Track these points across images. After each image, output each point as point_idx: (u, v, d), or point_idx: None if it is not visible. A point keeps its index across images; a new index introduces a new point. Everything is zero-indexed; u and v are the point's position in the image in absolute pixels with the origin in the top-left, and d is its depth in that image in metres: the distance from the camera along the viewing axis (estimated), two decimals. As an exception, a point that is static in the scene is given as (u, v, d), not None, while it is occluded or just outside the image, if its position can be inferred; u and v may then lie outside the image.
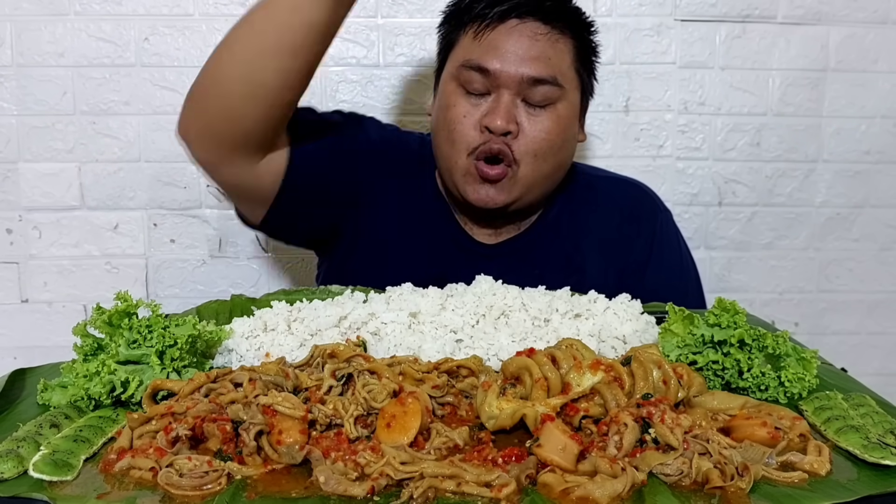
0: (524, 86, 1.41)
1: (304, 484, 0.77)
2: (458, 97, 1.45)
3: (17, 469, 0.79)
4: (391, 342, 1.09)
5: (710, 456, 0.79)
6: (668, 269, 1.63)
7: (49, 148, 2.03)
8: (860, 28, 2.09)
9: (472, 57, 1.43)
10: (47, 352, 1.95)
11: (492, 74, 1.41)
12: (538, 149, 1.43)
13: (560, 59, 1.45)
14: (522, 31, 1.42)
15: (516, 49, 1.41)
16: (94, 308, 1.02)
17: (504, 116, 1.40)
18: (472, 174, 1.44)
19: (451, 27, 1.52)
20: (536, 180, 1.47)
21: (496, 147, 1.41)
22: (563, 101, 1.45)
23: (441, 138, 1.49)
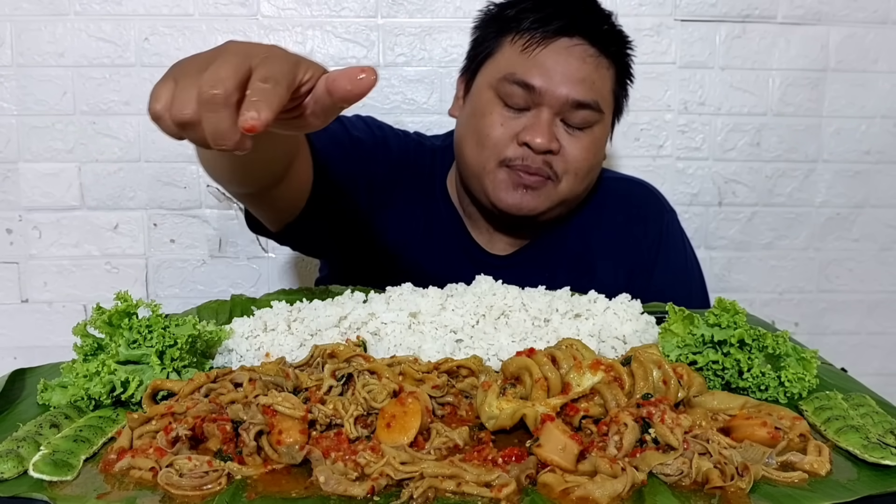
0: (566, 107, 1.40)
1: (304, 484, 0.77)
2: (495, 106, 1.43)
3: (17, 469, 0.79)
4: (391, 342, 1.09)
5: (710, 456, 0.79)
6: (675, 269, 1.63)
7: (49, 148, 2.03)
8: (860, 28, 2.09)
9: (517, 71, 1.40)
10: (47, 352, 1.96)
11: (536, 91, 1.39)
12: (579, 168, 1.43)
13: (603, 84, 1.44)
14: (572, 52, 1.40)
15: (564, 70, 1.39)
16: (94, 308, 1.02)
17: (546, 134, 1.38)
18: (506, 181, 1.42)
19: (491, 32, 1.48)
20: (572, 196, 1.48)
21: (534, 166, 1.40)
22: (599, 124, 1.45)
23: (470, 143, 1.46)
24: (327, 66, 0.77)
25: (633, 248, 1.60)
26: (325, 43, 2.05)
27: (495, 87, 1.42)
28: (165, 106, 0.80)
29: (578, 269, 1.54)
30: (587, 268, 1.55)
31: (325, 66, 0.86)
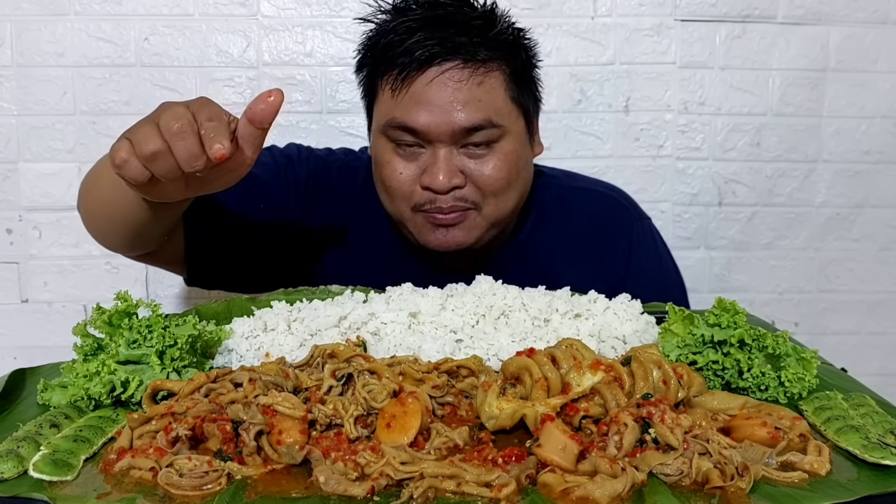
0: (459, 135, 1.31)
1: (304, 484, 0.77)
2: (391, 154, 1.36)
3: (17, 469, 0.79)
4: (391, 342, 1.09)
5: (710, 456, 0.79)
6: (648, 280, 1.57)
7: (49, 148, 2.03)
8: (860, 28, 2.09)
9: (395, 115, 1.32)
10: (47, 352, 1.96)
11: (421, 132, 1.31)
12: (497, 189, 1.35)
13: (492, 98, 1.32)
14: (443, 81, 1.29)
15: (441, 100, 1.29)
16: (94, 308, 1.02)
17: (445, 173, 1.30)
18: (425, 224, 1.37)
19: (368, 74, 1.41)
20: (502, 216, 1.41)
21: (447, 206, 1.33)
22: (505, 138, 1.35)
23: (381, 193, 1.42)
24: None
25: (600, 263, 1.55)
26: (325, 43, 2.05)
27: (385, 133, 1.36)
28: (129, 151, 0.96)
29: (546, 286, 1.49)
30: (553, 284, 1.48)
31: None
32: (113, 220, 1.24)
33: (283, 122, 2.06)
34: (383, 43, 1.33)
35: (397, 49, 1.31)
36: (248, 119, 0.96)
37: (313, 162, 1.53)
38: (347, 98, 2.06)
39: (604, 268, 1.55)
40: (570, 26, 2.06)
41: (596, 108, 2.10)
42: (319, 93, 2.05)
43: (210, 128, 0.93)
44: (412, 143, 1.34)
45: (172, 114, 0.95)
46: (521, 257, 1.53)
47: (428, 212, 1.35)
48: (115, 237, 1.29)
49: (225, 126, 0.94)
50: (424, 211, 1.36)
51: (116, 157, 0.97)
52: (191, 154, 0.93)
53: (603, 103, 2.10)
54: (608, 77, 2.08)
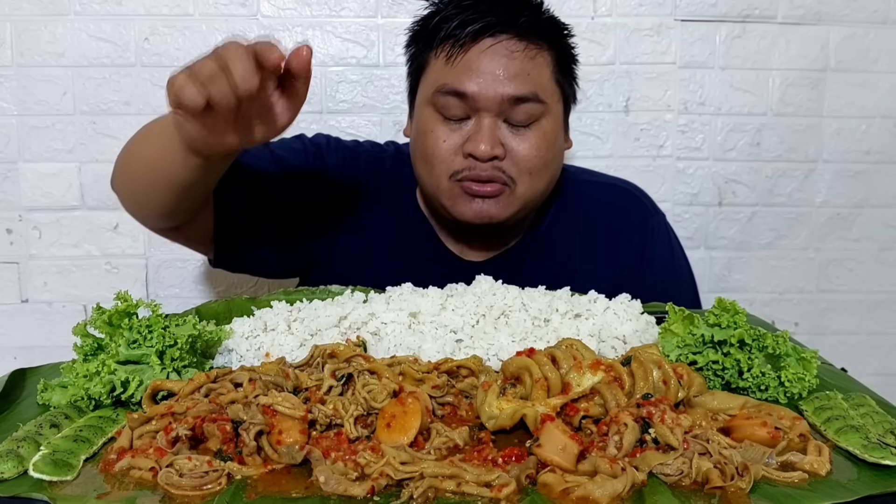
0: (505, 106, 1.36)
1: (304, 484, 0.77)
2: (435, 123, 1.40)
3: (17, 469, 0.79)
4: (391, 342, 1.09)
5: (710, 456, 0.79)
6: (661, 275, 1.60)
7: (49, 148, 2.03)
8: (860, 28, 2.09)
9: (447, 81, 1.37)
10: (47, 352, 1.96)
11: (470, 98, 1.35)
12: (532, 167, 1.39)
13: (540, 74, 1.39)
14: (497, 51, 1.36)
15: (493, 69, 1.35)
16: (94, 308, 1.02)
17: (488, 141, 1.35)
18: (461, 194, 1.40)
19: (419, 48, 1.46)
20: (534, 197, 1.44)
21: (484, 174, 1.37)
22: (546, 117, 1.40)
23: (419, 163, 1.45)
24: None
25: (616, 258, 1.58)
26: (325, 43, 2.05)
27: (432, 102, 1.40)
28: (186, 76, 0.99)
29: (560, 279, 1.48)
30: (569, 278, 1.49)
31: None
32: (155, 184, 1.24)
33: (283, 122, 2.05)
34: (440, 17, 1.40)
35: (454, 21, 1.38)
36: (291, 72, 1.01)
37: (342, 152, 1.57)
38: (347, 98, 2.06)
39: (619, 261, 1.58)
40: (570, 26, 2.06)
41: (596, 108, 2.10)
42: (319, 93, 2.05)
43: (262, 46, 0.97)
44: (459, 116, 1.38)
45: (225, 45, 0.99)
46: (539, 250, 1.56)
47: (465, 180, 1.39)
48: (155, 204, 1.29)
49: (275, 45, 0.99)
50: (461, 180, 1.39)
51: (175, 83, 1.00)
52: (246, 71, 0.96)
53: (603, 103, 2.10)
54: (608, 77, 2.08)
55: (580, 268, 1.54)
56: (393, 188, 1.57)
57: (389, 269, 1.46)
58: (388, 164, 1.59)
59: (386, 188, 1.57)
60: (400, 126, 2.04)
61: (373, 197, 1.55)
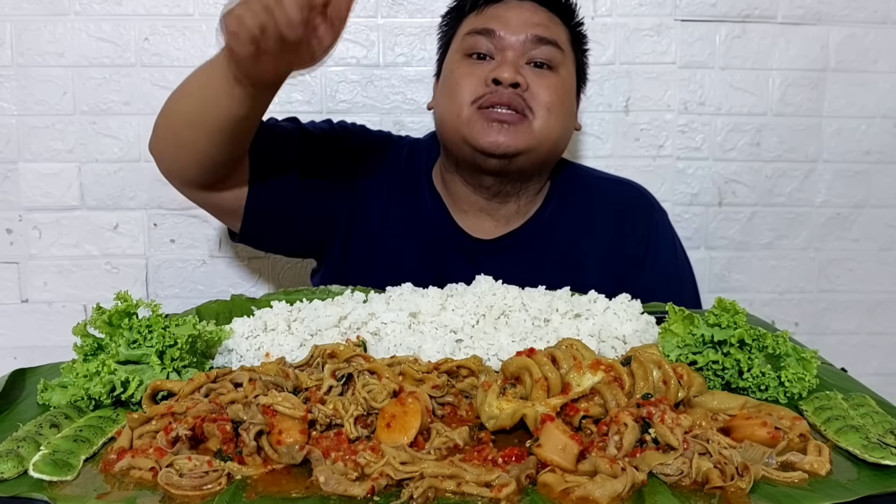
0: (528, 46, 1.45)
1: (304, 484, 0.77)
2: (461, 62, 1.49)
3: (17, 469, 0.79)
4: (391, 342, 1.09)
5: (710, 456, 0.79)
6: (664, 269, 1.63)
7: (49, 148, 2.03)
8: (860, 28, 2.09)
9: (476, 25, 1.48)
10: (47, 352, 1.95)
11: (496, 36, 1.45)
12: (550, 103, 1.45)
13: (559, 31, 1.51)
14: (523, 6, 1.49)
15: (518, 16, 1.47)
16: (94, 308, 1.02)
17: (512, 68, 1.43)
18: (479, 120, 1.44)
19: (449, 23, 1.58)
20: (548, 136, 1.48)
21: (506, 97, 1.43)
22: (564, 68, 1.49)
23: (443, 102, 1.51)
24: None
25: (621, 248, 1.61)
26: (325, 43, 2.05)
27: (460, 49, 1.50)
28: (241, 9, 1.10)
29: (565, 267, 1.54)
30: (574, 266, 1.55)
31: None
32: (203, 122, 1.30)
33: (283, 122, 2.05)
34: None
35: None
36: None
37: (363, 135, 1.65)
38: (347, 98, 2.06)
39: (625, 247, 1.61)
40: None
41: (596, 108, 2.09)
42: (319, 93, 2.05)
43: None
44: (484, 53, 1.47)
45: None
46: (547, 233, 1.59)
47: (485, 106, 1.43)
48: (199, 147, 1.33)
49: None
50: (482, 107, 1.43)
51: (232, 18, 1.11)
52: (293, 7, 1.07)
53: (603, 103, 2.09)
54: (608, 77, 2.08)
55: (587, 251, 1.58)
56: (411, 172, 1.63)
57: (403, 247, 1.55)
58: (405, 150, 1.66)
59: (403, 171, 1.63)
60: (400, 126, 2.04)
61: (391, 181, 1.61)
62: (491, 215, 1.57)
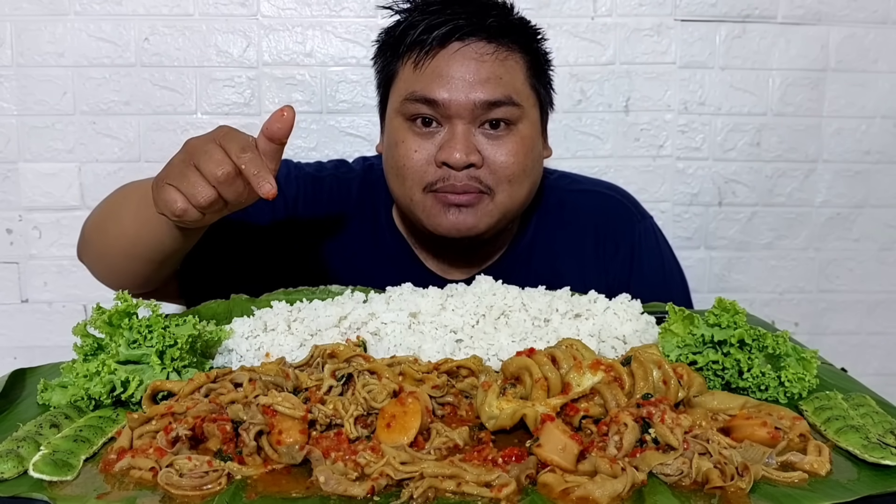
0: (478, 112, 1.30)
1: (304, 484, 0.77)
2: (405, 133, 1.34)
3: (17, 469, 0.79)
4: (391, 342, 1.09)
5: (710, 456, 0.79)
6: (651, 279, 1.57)
7: (49, 148, 2.03)
8: (860, 28, 2.09)
9: (416, 89, 1.32)
10: (47, 352, 1.96)
11: (440, 105, 1.30)
12: (511, 175, 1.33)
13: (513, 78, 1.33)
14: (466, 54, 1.30)
15: (463, 74, 1.29)
16: (94, 308, 1.02)
17: (463, 148, 1.29)
18: (435, 205, 1.34)
19: (387, 59, 1.40)
20: (514, 206, 1.39)
21: (460, 184, 1.31)
22: (523, 121, 1.35)
23: (391, 178, 1.40)
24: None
25: (604, 268, 1.54)
26: (325, 43, 2.05)
27: (401, 112, 1.35)
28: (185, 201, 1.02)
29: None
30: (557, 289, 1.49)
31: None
32: (134, 255, 1.26)
33: (283, 122, 2.05)
34: (403, 26, 1.35)
35: (420, 27, 1.32)
36: (266, 137, 1.03)
37: (302, 180, 1.53)
38: (347, 98, 2.06)
39: (607, 271, 1.55)
40: (570, 26, 2.06)
41: (596, 108, 2.10)
42: (319, 93, 2.05)
43: (249, 164, 1.00)
44: (429, 121, 1.33)
45: (211, 160, 1.01)
46: (524, 264, 1.51)
47: (440, 191, 1.33)
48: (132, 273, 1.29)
49: (259, 158, 1.02)
50: (436, 191, 1.33)
51: (176, 209, 1.03)
52: (240, 195, 1.03)
53: (603, 103, 2.10)
54: (608, 77, 2.08)
55: (568, 280, 1.44)
56: (364, 209, 1.52)
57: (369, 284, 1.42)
58: (355, 186, 1.54)
59: (355, 211, 1.52)
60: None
61: (341, 222, 1.51)
62: (462, 257, 1.48)
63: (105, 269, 1.35)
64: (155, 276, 1.31)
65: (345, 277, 1.39)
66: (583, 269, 1.53)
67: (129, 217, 1.24)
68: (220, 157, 1.01)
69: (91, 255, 1.36)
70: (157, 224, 1.16)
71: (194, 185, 1.01)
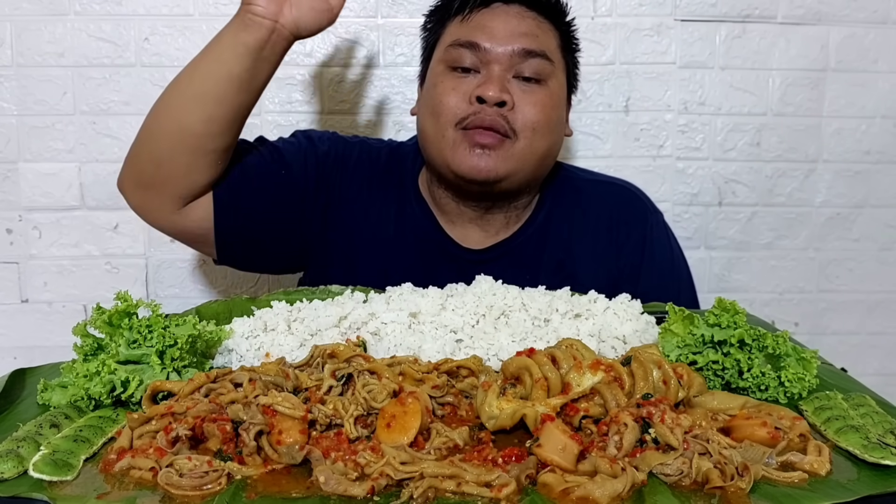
0: (515, 59, 1.40)
1: (304, 484, 0.77)
2: (446, 76, 1.43)
3: (17, 469, 0.79)
4: (391, 342, 1.09)
5: (710, 456, 0.79)
6: (660, 272, 1.60)
7: (49, 148, 2.03)
8: (860, 28, 2.09)
9: (460, 36, 1.43)
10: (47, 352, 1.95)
11: (482, 49, 1.40)
12: (536, 122, 1.41)
13: (548, 40, 1.45)
14: (508, 12, 1.44)
15: (505, 27, 1.41)
16: (94, 308, 1.02)
17: (498, 86, 1.37)
18: (462, 143, 1.40)
19: (434, 25, 1.53)
20: (533, 157, 1.44)
21: (489, 119, 1.38)
22: (553, 79, 1.44)
23: (426, 118, 1.46)
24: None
25: (616, 254, 1.58)
26: (325, 43, 2.05)
27: (444, 59, 1.45)
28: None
29: (560, 276, 1.49)
30: (569, 274, 1.50)
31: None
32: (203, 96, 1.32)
33: (282, 122, 2.05)
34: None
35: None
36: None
37: (333, 141, 1.60)
38: (347, 98, 2.06)
39: (620, 255, 1.58)
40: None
41: (596, 108, 2.10)
42: (319, 93, 2.05)
43: None
44: (469, 68, 1.42)
45: None
46: (540, 241, 1.55)
47: (470, 127, 1.39)
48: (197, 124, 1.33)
49: None
50: (466, 128, 1.39)
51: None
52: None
53: (603, 103, 2.09)
54: (608, 77, 2.08)
55: (581, 260, 1.54)
56: (392, 175, 1.58)
57: (388, 257, 1.50)
58: (384, 154, 1.61)
59: (382, 176, 1.58)
60: (400, 126, 2.04)
61: (369, 183, 1.56)
62: (480, 226, 1.53)
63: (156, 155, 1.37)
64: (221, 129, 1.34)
65: (368, 239, 1.49)
66: (596, 250, 1.57)
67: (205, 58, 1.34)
68: None
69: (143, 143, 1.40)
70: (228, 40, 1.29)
71: None
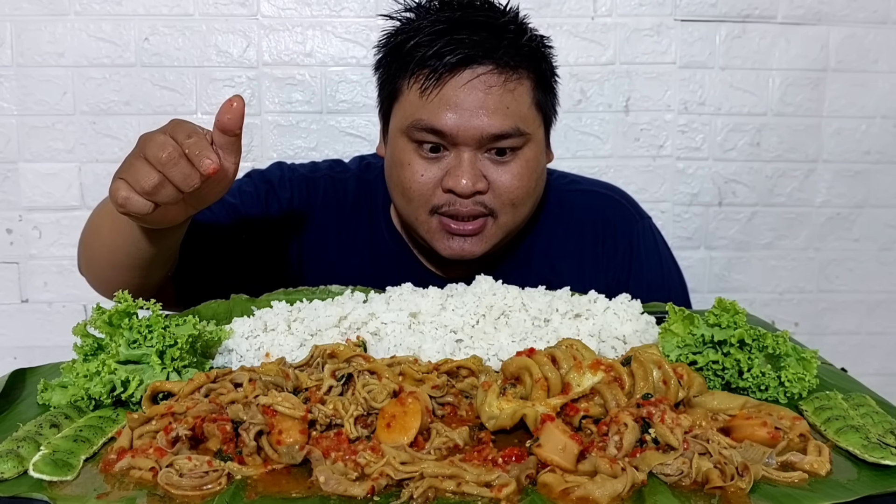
0: (484, 142, 1.31)
1: (304, 484, 0.77)
2: (412, 155, 1.34)
3: (17, 469, 0.79)
4: (391, 342, 1.09)
5: (710, 456, 0.79)
6: (650, 280, 1.57)
7: (49, 148, 2.03)
8: (860, 28, 2.09)
9: (423, 117, 1.31)
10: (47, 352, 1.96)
11: (447, 135, 1.30)
12: (515, 198, 1.35)
13: (520, 104, 1.33)
14: (475, 85, 1.29)
15: (471, 104, 1.29)
16: (94, 308, 1.02)
17: (469, 176, 1.30)
18: (440, 230, 1.36)
19: (391, 72, 1.38)
20: (516, 226, 1.41)
21: (465, 210, 1.32)
22: (528, 146, 1.35)
23: (396, 194, 1.40)
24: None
25: (603, 268, 1.55)
26: (325, 43, 2.05)
27: (407, 134, 1.34)
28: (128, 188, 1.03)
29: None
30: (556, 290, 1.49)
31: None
32: (116, 264, 1.26)
33: (283, 122, 2.06)
34: (412, 43, 1.31)
35: (428, 50, 1.29)
36: (219, 130, 1.04)
37: (296, 182, 1.53)
38: (347, 98, 2.06)
39: (606, 272, 1.55)
40: (570, 26, 2.07)
41: (596, 108, 2.10)
42: (319, 93, 2.05)
43: (192, 146, 1.00)
44: (435, 146, 1.33)
45: (156, 144, 1.02)
46: (523, 264, 1.52)
47: (445, 215, 1.35)
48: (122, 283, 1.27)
49: (204, 140, 1.02)
50: (442, 214, 1.35)
51: (118, 197, 1.04)
52: (185, 175, 1.01)
53: (603, 103, 2.10)
54: (608, 77, 2.08)
55: (567, 280, 1.44)
56: (361, 209, 1.53)
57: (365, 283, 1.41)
58: (351, 186, 1.54)
59: (352, 211, 1.53)
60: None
61: (337, 222, 1.51)
62: (461, 263, 1.47)
63: (97, 282, 1.36)
64: (144, 283, 1.30)
65: (343, 277, 1.38)
66: (582, 268, 1.54)
67: (105, 227, 1.26)
68: (163, 140, 1.02)
69: (84, 269, 1.38)
70: (128, 229, 1.18)
71: (138, 171, 1.02)
